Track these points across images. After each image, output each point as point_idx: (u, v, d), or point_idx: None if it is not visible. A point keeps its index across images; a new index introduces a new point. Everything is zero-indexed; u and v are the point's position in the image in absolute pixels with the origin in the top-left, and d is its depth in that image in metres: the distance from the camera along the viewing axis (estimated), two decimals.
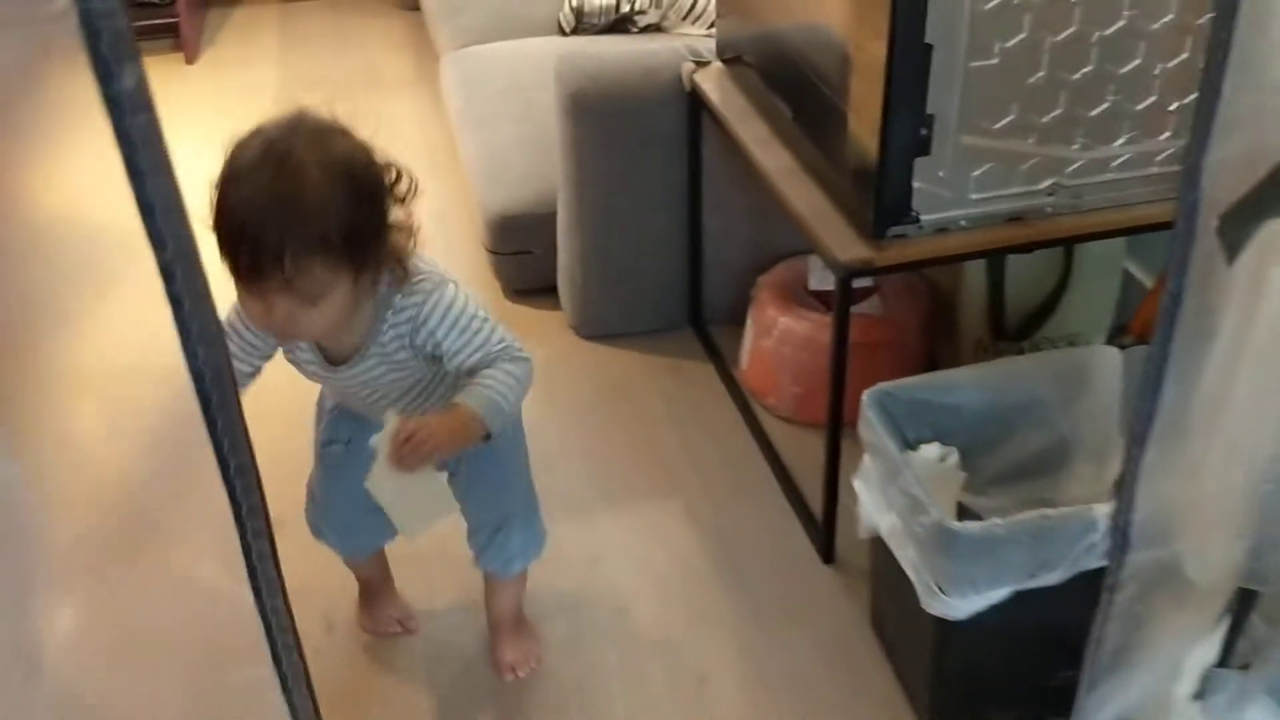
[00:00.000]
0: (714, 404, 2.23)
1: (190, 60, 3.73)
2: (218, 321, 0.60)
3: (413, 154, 3.18)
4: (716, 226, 2.27)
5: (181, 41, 3.73)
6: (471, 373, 1.40)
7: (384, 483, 1.36)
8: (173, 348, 0.60)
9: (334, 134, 1.29)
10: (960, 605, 1.41)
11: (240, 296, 1.28)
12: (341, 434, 1.57)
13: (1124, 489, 1.07)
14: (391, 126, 3.44)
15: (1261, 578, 1.19)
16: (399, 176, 1.33)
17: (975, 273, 2.08)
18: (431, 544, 1.69)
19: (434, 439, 1.34)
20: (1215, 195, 0.95)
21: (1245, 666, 1.49)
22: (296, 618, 0.75)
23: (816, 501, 1.87)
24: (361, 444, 1.49)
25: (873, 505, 1.54)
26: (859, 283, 2.12)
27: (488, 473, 1.57)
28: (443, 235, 2.76)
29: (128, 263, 0.57)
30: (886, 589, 1.65)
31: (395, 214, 1.32)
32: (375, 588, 1.78)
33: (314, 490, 1.64)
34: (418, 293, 1.37)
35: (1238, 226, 0.97)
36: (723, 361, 2.30)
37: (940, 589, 1.41)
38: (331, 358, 1.42)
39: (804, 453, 2.02)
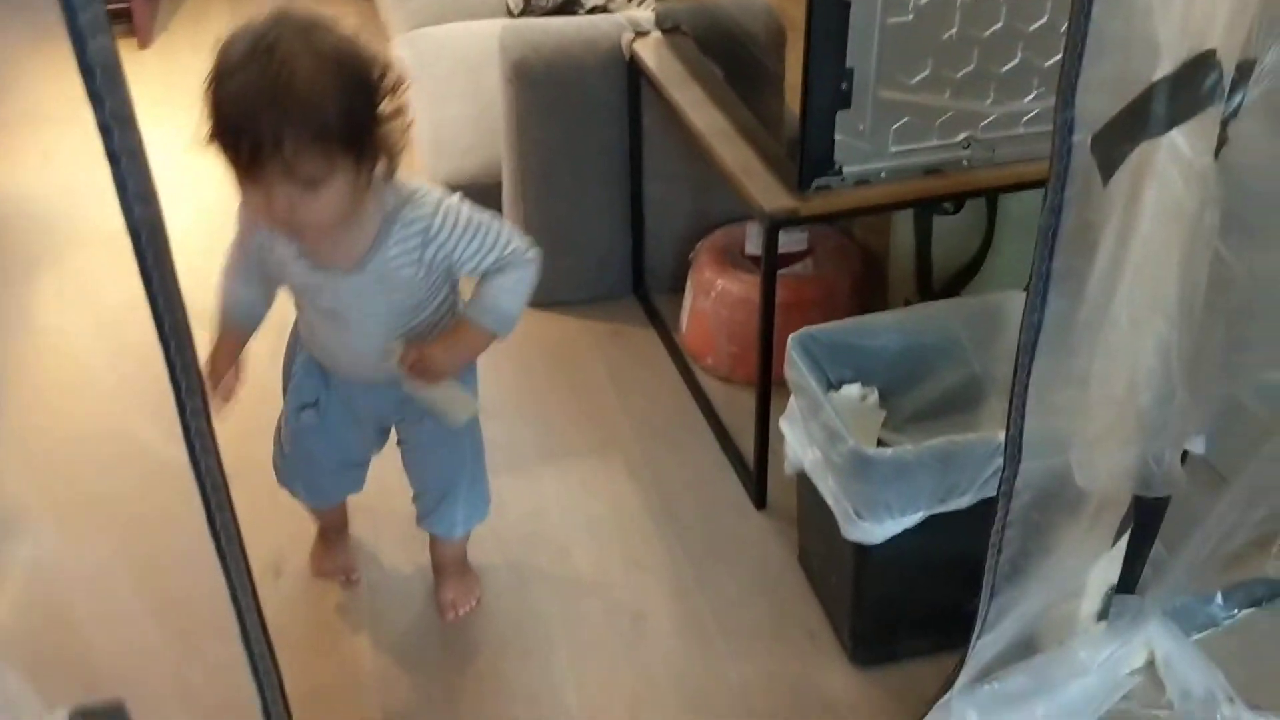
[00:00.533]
0: (655, 367, 2.29)
1: (144, 45, 3.76)
2: (152, 180, 0.66)
3: None
4: (657, 195, 2.34)
5: (135, 27, 3.76)
6: (485, 276, 1.45)
7: (417, 390, 1.48)
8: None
9: (319, 27, 1.29)
10: (876, 530, 1.48)
11: (243, 194, 1.30)
12: (309, 396, 1.59)
13: (1014, 398, 1.15)
14: None
15: (1146, 484, 1.28)
16: (386, 69, 1.32)
17: (903, 234, 2.16)
18: (382, 498, 1.76)
19: (435, 365, 1.45)
20: (1088, 116, 1.03)
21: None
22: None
23: (750, 452, 1.94)
24: (329, 404, 1.58)
25: (797, 443, 1.61)
26: (792, 246, 2.21)
27: (437, 443, 1.62)
28: None
29: None
30: (812, 525, 1.72)
31: (387, 106, 1.32)
32: (332, 535, 1.83)
33: (285, 447, 1.66)
34: (424, 205, 1.40)
35: (1110, 146, 1.05)
36: (664, 326, 2.37)
37: (857, 514, 1.48)
38: (326, 268, 1.42)
39: (739, 408, 2.09)
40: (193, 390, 0.71)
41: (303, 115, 1.23)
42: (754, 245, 2.23)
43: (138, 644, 0.86)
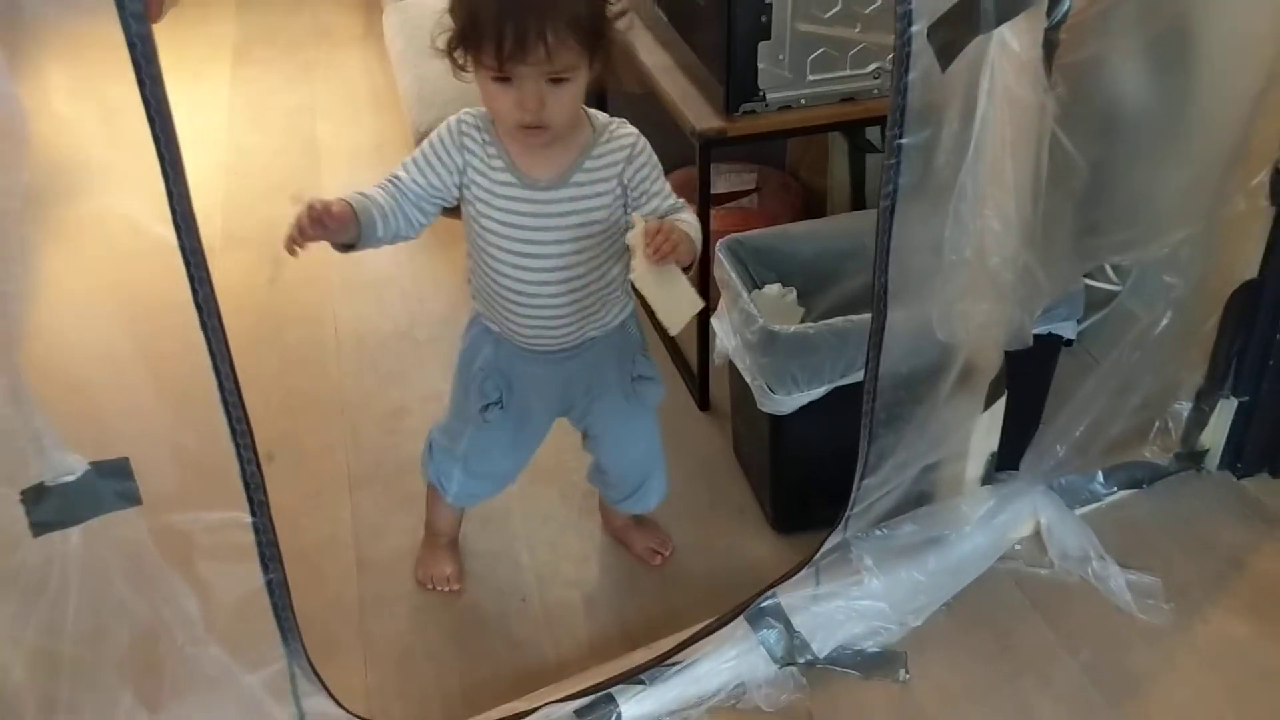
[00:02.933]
0: None
1: (155, 19, 4.00)
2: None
3: (358, 96, 3.50)
4: None
5: (147, 2, 4.00)
6: (662, 216, 1.45)
7: (646, 278, 1.37)
8: None
9: None
10: (786, 401, 1.69)
11: (490, 90, 1.35)
12: (492, 393, 1.60)
13: (877, 258, 1.36)
14: (340, 74, 3.76)
15: (1002, 340, 1.49)
16: None
17: (839, 171, 2.38)
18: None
19: (675, 236, 1.37)
20: (925, 9, 1.24)
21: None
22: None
23: (695, 363, 2.16)
24: (511, 402, 1.60)
25: (724, 334, 1.83)
26: (740, 185, 2.43)
27: (632, 433, 1.70)
28: (382, 162, 3.05)
29: None
30: (739, 411, 1.94)
31: (614, 7, 1.38)
32: (442, 541, 1.83)
33: (461, 448, 1.66)
34: (627, 128, 1.48)
35: (944, 37, 1.27)
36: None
37: (770, 388, 1.70)
38: (531, 180, 1.43)
39: (690, 331, 2.30)
40: (178, 175, 0.93)
41: (564, 5, 1.29)
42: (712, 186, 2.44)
43: (139, 410, 1.08)
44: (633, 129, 1.49)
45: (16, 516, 1.06)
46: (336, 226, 1.36)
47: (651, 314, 1.42)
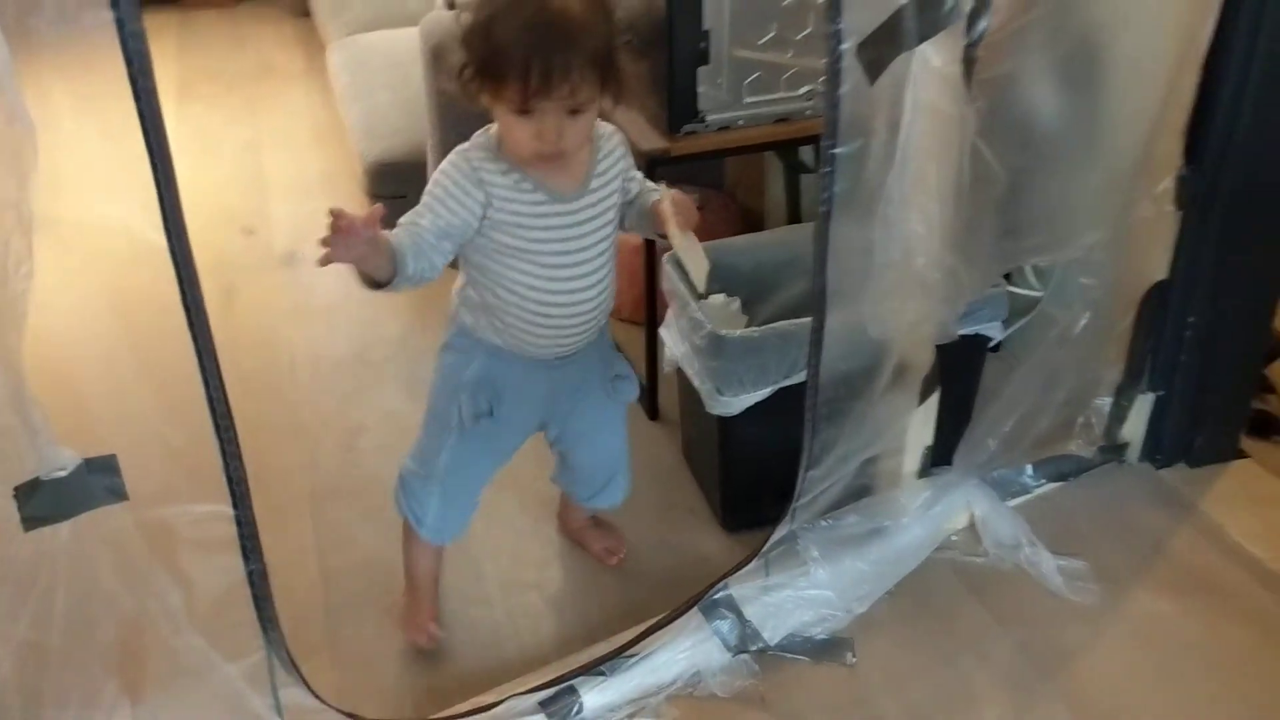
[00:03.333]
0: None
1: None
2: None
3: (303, 130, 3.57)
4: None
5: None
6: (641, 192, 1.60)
7: (683, 245, 1.53)
8: None
9: None
10: (734, 402, 1.79)
11: (509, 122, 1.39)
12: (483, 404, 1.61)
13: (816, 255, 1.46)
14: (285, 109, 3.83)
15: (932, 336, 1.60)
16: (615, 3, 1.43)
17: (775, 192, 2.49)
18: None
19: (688, 201, 1.56)
20: (854, 28, 1.35)
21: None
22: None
23: (644, 375, 2.24)
24: (500, 413, 1.60)
25: (672, 342, 1.92)
26: None
27: (606, 432, 1.76)
28: (330, 190, 3.12)
29: None
30: (688, 415, 2.03)
31: (621, 37, 1.43)
32: (426, 587, 1.79)
33: (438, 466, 1.65)
34: (607, 125, 1.55)
35: (872, 53, 1.38)
36: None
37: (718, 391, 1.79)
38: (561, 195, 1.48)
39: (638, 342, 2.39)
40: (170, 184, 1.00)
41: (586, 43, 1.34)
42: None
43: (127, 408, 1.14)
44: (611, 125, 1.57)
45: (10, 513, 1.12)
46: (374, 249, 1.35)
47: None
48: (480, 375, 1.61)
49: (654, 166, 2.00)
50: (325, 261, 1.31)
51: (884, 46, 1.39)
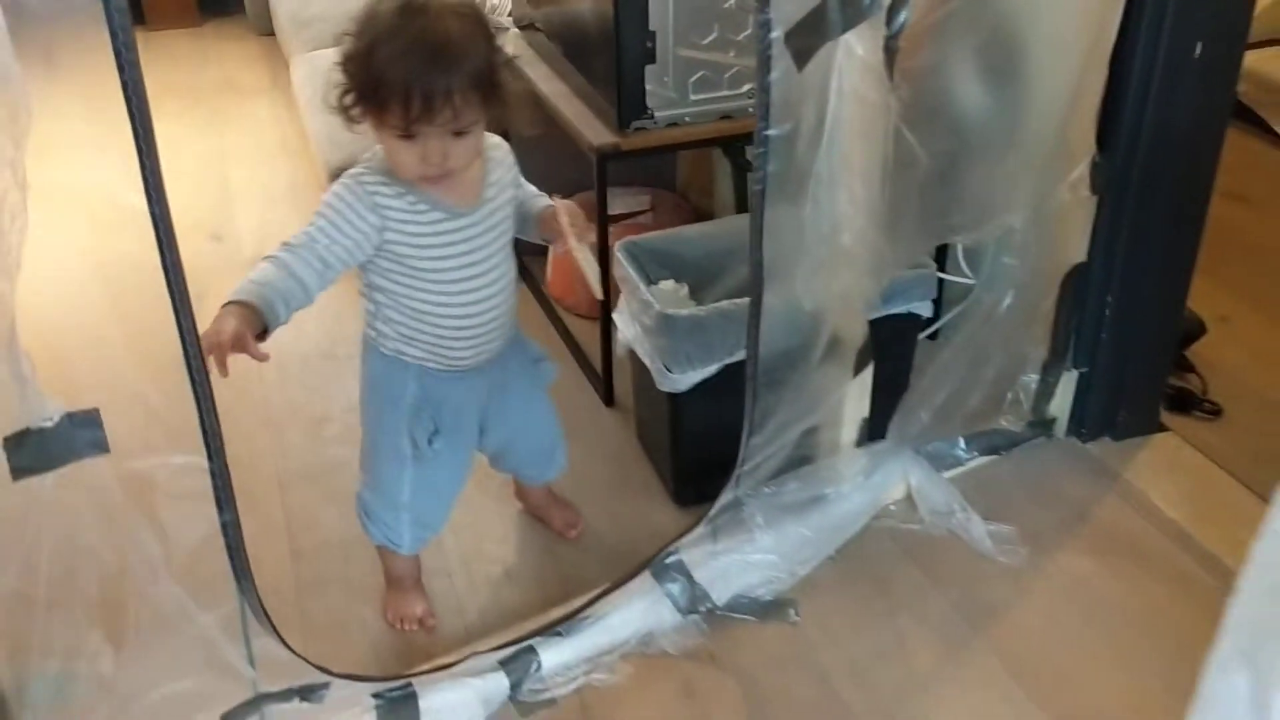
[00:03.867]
0: (526, 310, 2.67)
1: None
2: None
3: (269, 142, 3.65)
4: (524, 168, 2.74)
5: None
6: (528, 198, 1.66)
7: (579, 254, 1.60)
8: None
9: None
10: (682, 379, 1.89)
11: (393, 145, 1.41)
12: (429, 426, 1.64)
13: (752, 230, 1.57)
14: (250, 123, 3.92)
15: (855, 308, 1.71)
16: (495, 23, 1.47)
17: (724, 193, 2.61)
18: None
19: (578, 209, 1.65)
20: (782, 18, 1.46)
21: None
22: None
23: (600, 365, 2.35)
24: (446, 430, 1.64)
25: (624, 325, 2.02)
26: (636, 206, 2.64)
27: (537, 415, 1.84)
28: (294, 201, 3.21)
29: None
30: (641, 397, 2.13)
31: (502, 55, 1.46)
32: (409, 583, 1.84)
33: (403, 496, 1.68)
34: (494, 137, 1.60)
35: (799, 42, 1.49)
36: (534, 280, 2.77)
37: (667, 368, 1.89)
38: (457, 209, 1.52)
39: (593, 335, 2.49)
40: (150, 149, 1.09)
41: (465, 66, 1.36)
42: (610, 208, 2.65)
43: (109, 364, 1.22)
44: (496, 136, 1.61)
45: None
46: (248, 340, 1.37)
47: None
48: (418, 398, 1.63)
49: (605, 161, 2.11)
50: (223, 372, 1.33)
51: (810, 36, 1.50)
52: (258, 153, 3.56)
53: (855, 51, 1.54)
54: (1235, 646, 0.75)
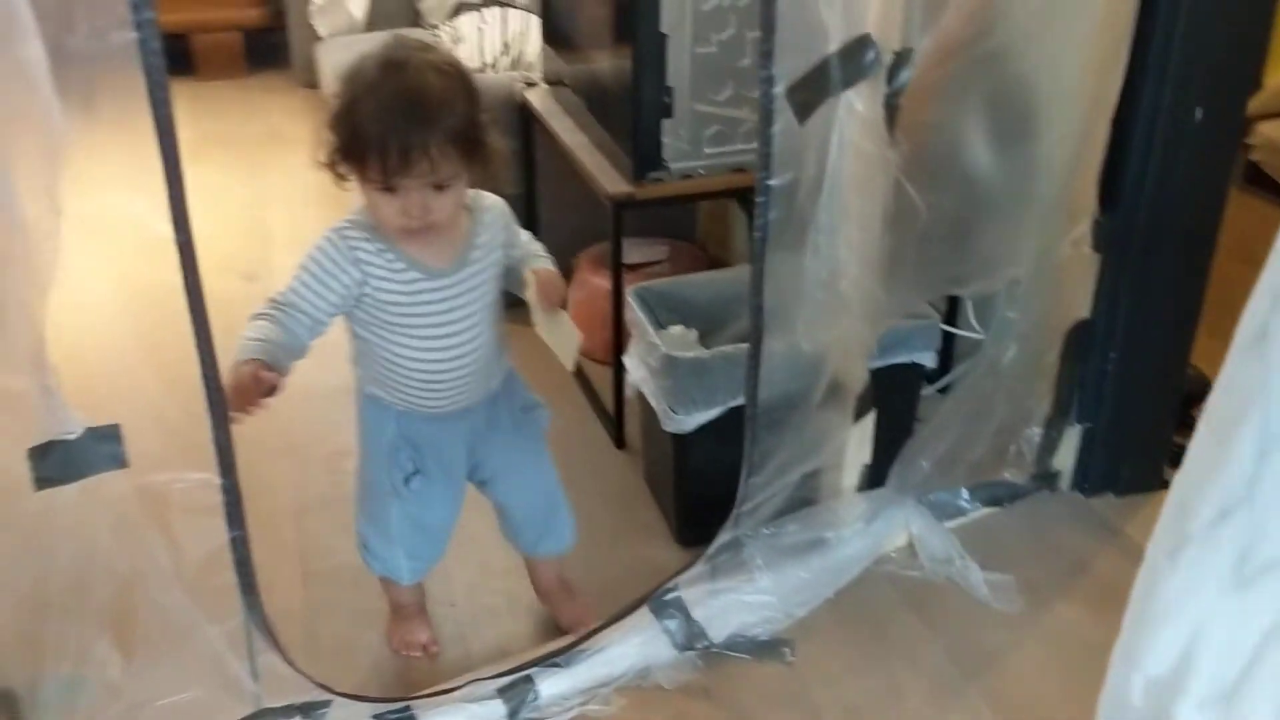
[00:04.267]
0: (544, 356, 2.74)
1: None
2: None
3: (308, 190, 3.76)
4: (547, 218, 2.84)
5: None
6: (524, 258, 1.66)
7: (546, 327, 1.62)
8: None
9: (431, 48, 1.48)
10: (687, 420, 1.94)
11: (375, 199, 1.45)
12: (408, 465, 1.68)
13: (753, 275, 1.63)
14: (291, 171, 4.04)
15: (852, 352, 1.76)
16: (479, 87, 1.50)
17: (740, 243, 2.67)
18: None
19: (559, 284, 1.64)
20: (784, 74, 1.54)
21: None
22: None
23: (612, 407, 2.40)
24: (428, 467, 1.67)
25: (633, 367, 2.08)
26: (653, 256, 2.72)
27: (527, 464, 1.80)
28: None
29: None
30: (649, 439, 2.18)
31: (487, 115, 1.49)
32: (412, 610, 1.88)
33: (392, 529, 1.73)
34: (491, 198, 1.62)
35: (800, 97, 1.56)
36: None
37: (672, 410, 1.94)
38: (435, 270, 1.54)
39: (609, 381, 2.55)
40: (178, 181, 1.17)
41: (444, 120, 1.39)
42: (626, 256, 2.72)
43: (130, 382, 1.29)
44: (494, 196, 1.63)
45: (21, 472, 1.27)
46: (265, 378, 1.44)
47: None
48: (397, 437, 1.67)
49: (620, 209, 2.18)
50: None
51: (811, 91, 1.57)
52: (296, 199, 3.67)
53: (855, 107, 1.61)
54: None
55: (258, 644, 1.50)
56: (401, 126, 1.38)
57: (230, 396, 1.35)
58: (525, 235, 1.71)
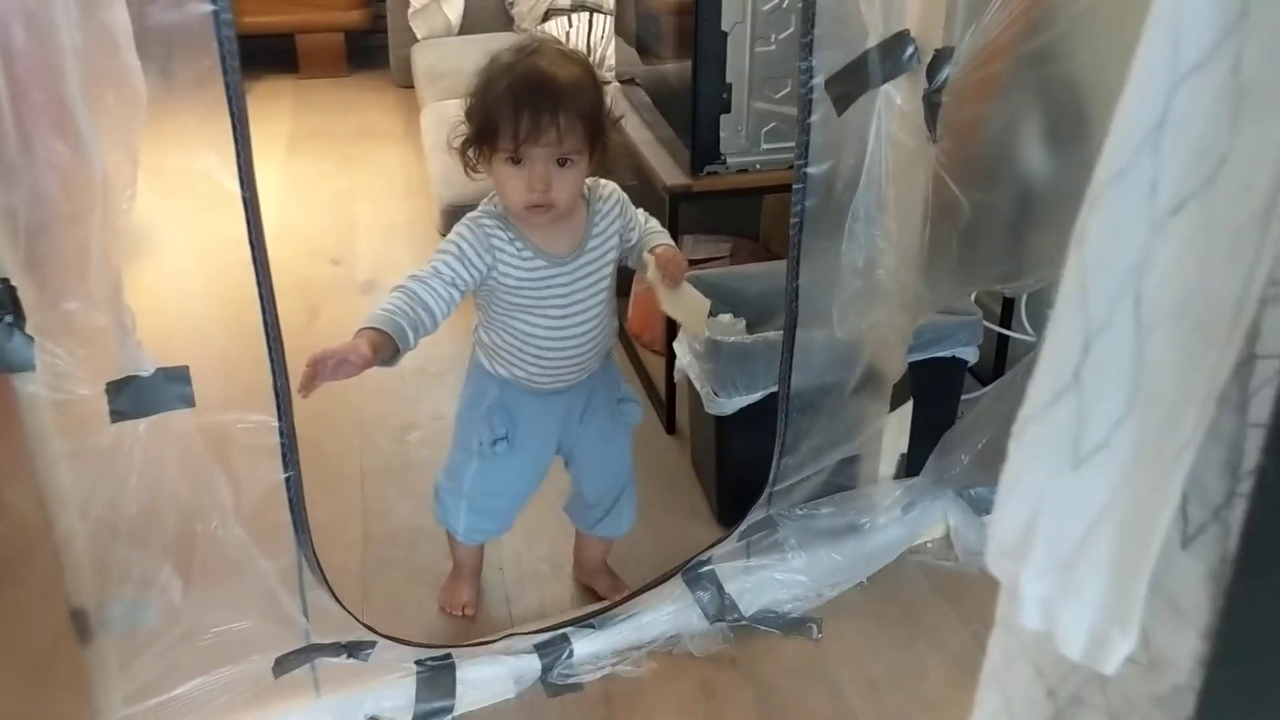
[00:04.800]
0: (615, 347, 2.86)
1: None
2: None
3: (395, 183, 3.95)
4: None
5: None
6: (643, 239, 1.74)
7: (673, 304, 1.70)
8: None
9: (560, 43, 1.63)
10: (728, 403, 2.01)
11: (502, 176, 1.55)
12: (500, 429, 1.77)
13: (790, 260, 1.70)
14: (380, 166, 4.22)
15: (886, 340, 1.81)
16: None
17: None
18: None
19: (679, 259, 1.71)
20: (823, 66, 1.61)
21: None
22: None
23: (664, 393, 2.49)
24: (517, 439, 1.77)
25: (681, 353, 2.16)
26: (716, 252, 2.79)
27: (611, 452, 1.88)
28: (409, 234, 3.46)
29: None
30: (695, 424, 2.26)
31: (611, 115, 1.61)
32: (466, 572, 1.99)
33: (464, 485, 1.83)
34: (607, 186, 1.71)
35: (839, 89, 1.63)
36: (618, 319, 2.93)
37: (715, 393, 2.02)
38: (557, 258, 1.64)
39: (661, 368, 2.64)
40: (245, 142, 1.28)
41: (572, 97, 1.50)
42: (689, 252, 2.81)
43: (199, 328, 1.42)
44: (610, 183, 1.73)
45: (99, 406, 1.39)
46: (362, 365, 1.50)
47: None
48: (496, 404, 1.77)
49: (677, 200, 2.26)
50: (307, 391, 1.45)
51: (851, 83, 1.64)
52: (384, 192, 3.84)
53: (894, 100, 1.68)
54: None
55: (308, 580, 1.60)
56: (533, 98, 1.48)
57: (327, 360, 1.45)
58: (642, 215, 1.78)
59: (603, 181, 1.72)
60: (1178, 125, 0.52)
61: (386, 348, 1.53)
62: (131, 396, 1.40)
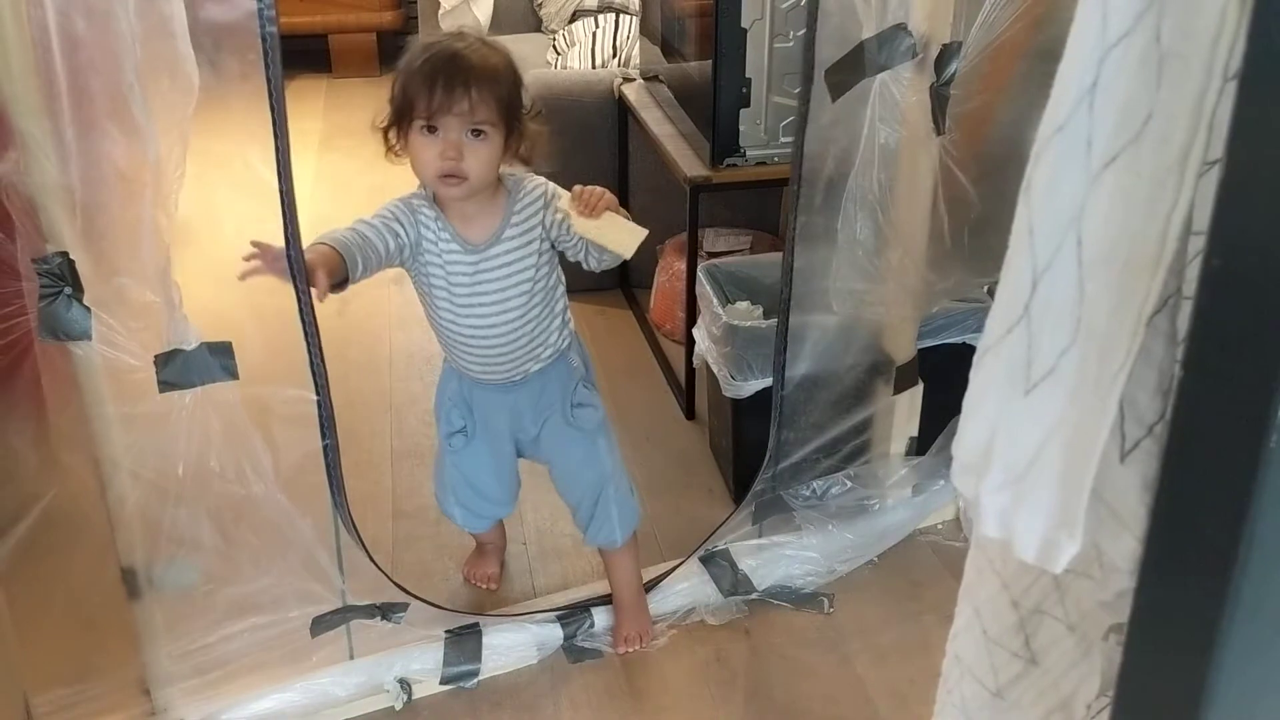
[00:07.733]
0: (628, 335, 2.94)
1: None
2: None
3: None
4: (639, 205, 3.02)
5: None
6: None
7: (587, 227, 1.60)
8: None
9: (489, 38, 1.66)
10: (744, 386, 2.09)
11: (418, 146, 1.58)
12: (457, 423, 1.82)
13: (788, 234, 1.78)
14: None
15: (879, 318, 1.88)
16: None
17: None
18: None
19: (595, 190, 1.61)
20: (823, 58, 1.68)
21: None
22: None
23: (684, 380, 2.57)
24: (474, 428, 1.81)
25: (700, 339, 2.24)
26: (736, 245, 2.87)
27: (573, 457, 1.85)
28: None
29: None
30: (713, 408, 2.33)
31: (531, 108, 1.63)
32: (487, 549, 2.09)
33: (445, 477, 1.90)
34: (536, 180, 1.71)
35: (836, 77, 1.70)
36: (640, 309, 3.02)
37: (731, 376, 2.10)
38: (471, 244, 1.65)
39: (681, 355, 2.72)
40: (283, 134, 1.37)
41: (486, 74, 1.55)
42: (710, 244, 2.89)
43: (241, 306, 1.51)
44: (540, 179, 1.71)
45: (151, 375, 1.49)
46: (318, 277, 1.49)
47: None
48: (456, 397, 1.81)
49: (697, 191, 2.35)
50: (245, 275, 1.44)
51: (848, 72, 1.72)
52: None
53: (890, 91, 1.75)
54: None
55: (344, 540, 1.69)
56: (448, 69, 1.54)
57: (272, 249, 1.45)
58: None
59: (534, 176, 1.72)
60: (1108, 87, 0.60)
61: (335, 268, 1.56)
62: (177, 368, 1.49)
